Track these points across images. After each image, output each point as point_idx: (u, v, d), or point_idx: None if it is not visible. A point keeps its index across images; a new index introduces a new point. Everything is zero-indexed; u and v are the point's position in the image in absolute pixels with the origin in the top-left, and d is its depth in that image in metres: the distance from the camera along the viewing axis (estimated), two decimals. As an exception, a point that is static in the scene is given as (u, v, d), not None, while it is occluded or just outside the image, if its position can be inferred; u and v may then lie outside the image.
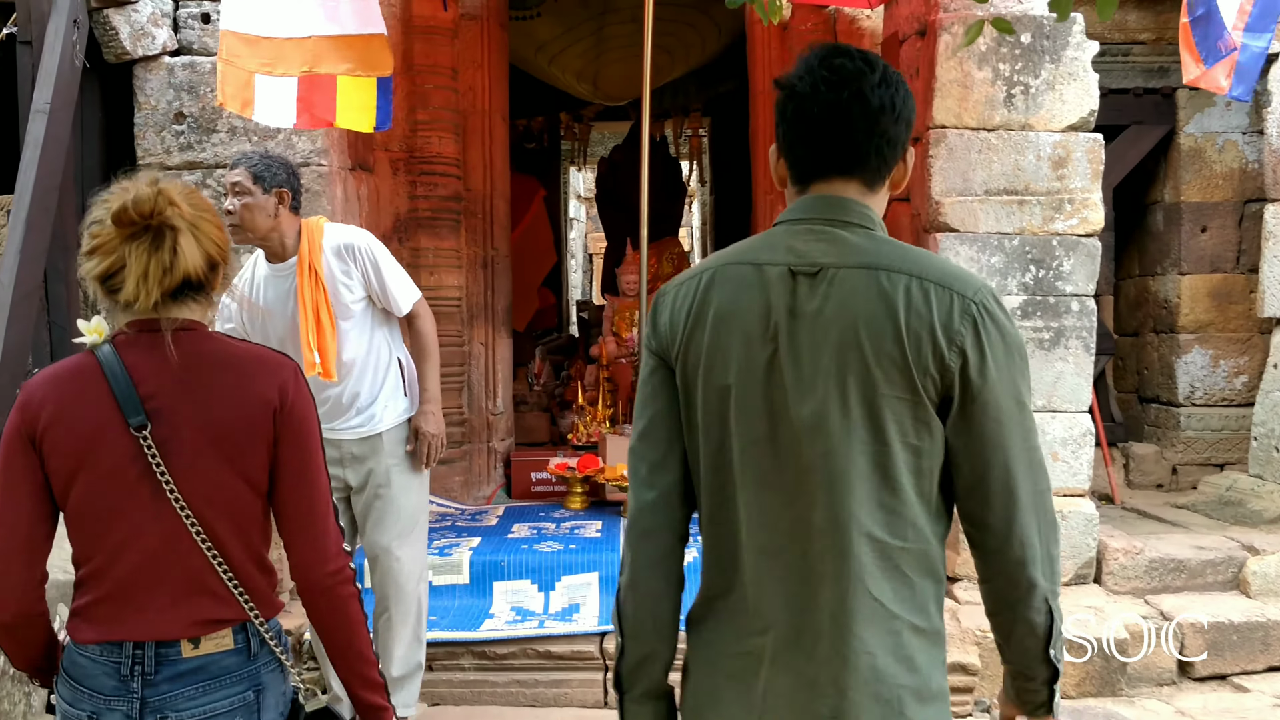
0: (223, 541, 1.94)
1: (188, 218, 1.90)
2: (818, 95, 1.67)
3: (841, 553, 1.60)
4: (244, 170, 3.76)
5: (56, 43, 4.67)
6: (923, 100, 5.52)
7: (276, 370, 1.96)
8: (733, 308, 1.68)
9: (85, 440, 1.89)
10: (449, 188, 6.78)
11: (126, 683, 1.92)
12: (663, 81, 10.43)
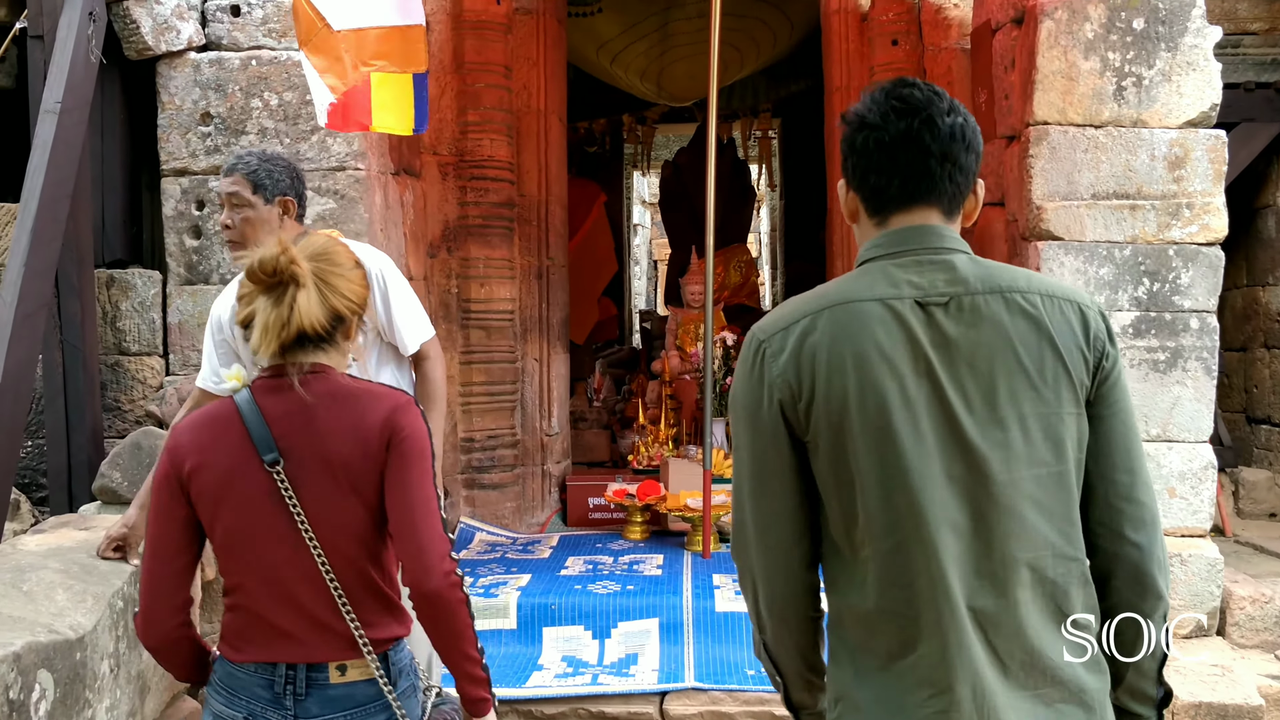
0: (347, 568, 2.07)
1: (312, 274, 2.05)
2: (888, 123, 1.67)
3: (1041, 582, 1.61)
4: (241, 178, 3.23)
5: (70, 37, 4.29)
6: (1020, 94, 4.97)
7: (387, 401, 2.09)
8: (870, 347, 1.62)
9: (227, 477, 2.06)
10: (501, 193, 6.34)
11: (280, 699, 2.08)
12: (731, 80, 9.94)
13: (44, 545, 3.68)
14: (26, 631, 3.00)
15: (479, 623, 4.70)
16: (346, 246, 2.21)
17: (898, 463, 1.59)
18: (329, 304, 2.07)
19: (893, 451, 1.59)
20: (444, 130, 6.24)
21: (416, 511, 2.05)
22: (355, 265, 2.15)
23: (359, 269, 2.16)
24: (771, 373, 1.67)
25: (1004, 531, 1.59)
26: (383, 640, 2.10)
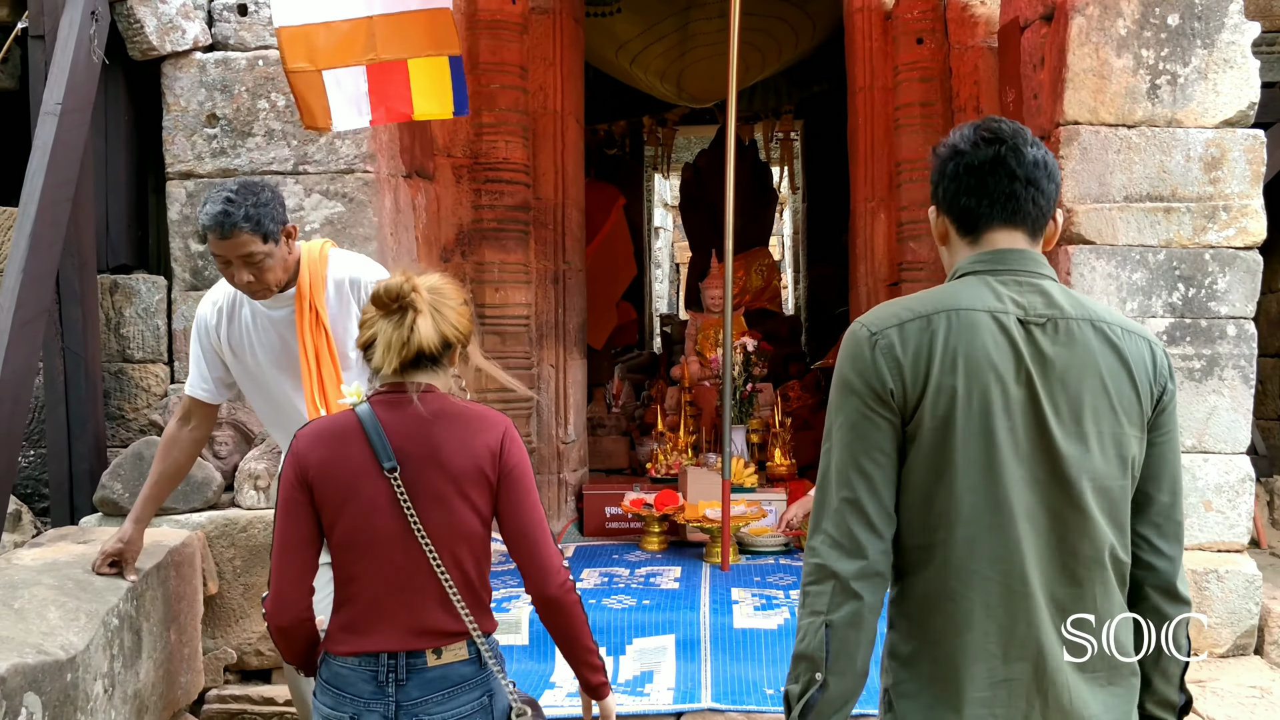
0: (454, 566, 2.30)
1: (428, 303, 2.31)
2: (978, 150, 1.87)
3: (1104, 577, 1.81)
4: (249, 235, 3.01)
5: (71, 37, 4.18)
6: (1050, 93, 4.80)
7: (496, 424, 2.35)
8: (980, 353, 1.78)
9: (348, 482, 2.29)
10: (516, 196, 6.21)
11: (383, 688, 2.28)
12: (752, 81, 9.80)
13: (39, 560, 3.57)
14: (14, 652, 2.89)
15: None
16: (410, 274, 2.35)
17: (993, 458, 1.77)
18: (440, 329, 2.32)
19: (991, 448, 1.77)
20: (458, 132, 6.12)
21: (532, 529, 2.34)
22: (465, 302, 2.41)
23: (468, 306, 2.42)
24: (885, 362, 1.81)
25: (1079, 531, 1.79)
26: (475, 631, 2.33)
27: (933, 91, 6.06)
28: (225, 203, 2.98)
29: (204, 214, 3.01)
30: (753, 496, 6.23)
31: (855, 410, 1.83)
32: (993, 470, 1.77)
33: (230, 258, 3.04)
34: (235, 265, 3.05)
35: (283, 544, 2.34)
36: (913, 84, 6.09)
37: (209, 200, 3.02)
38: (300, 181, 4.64)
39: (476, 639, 2.32)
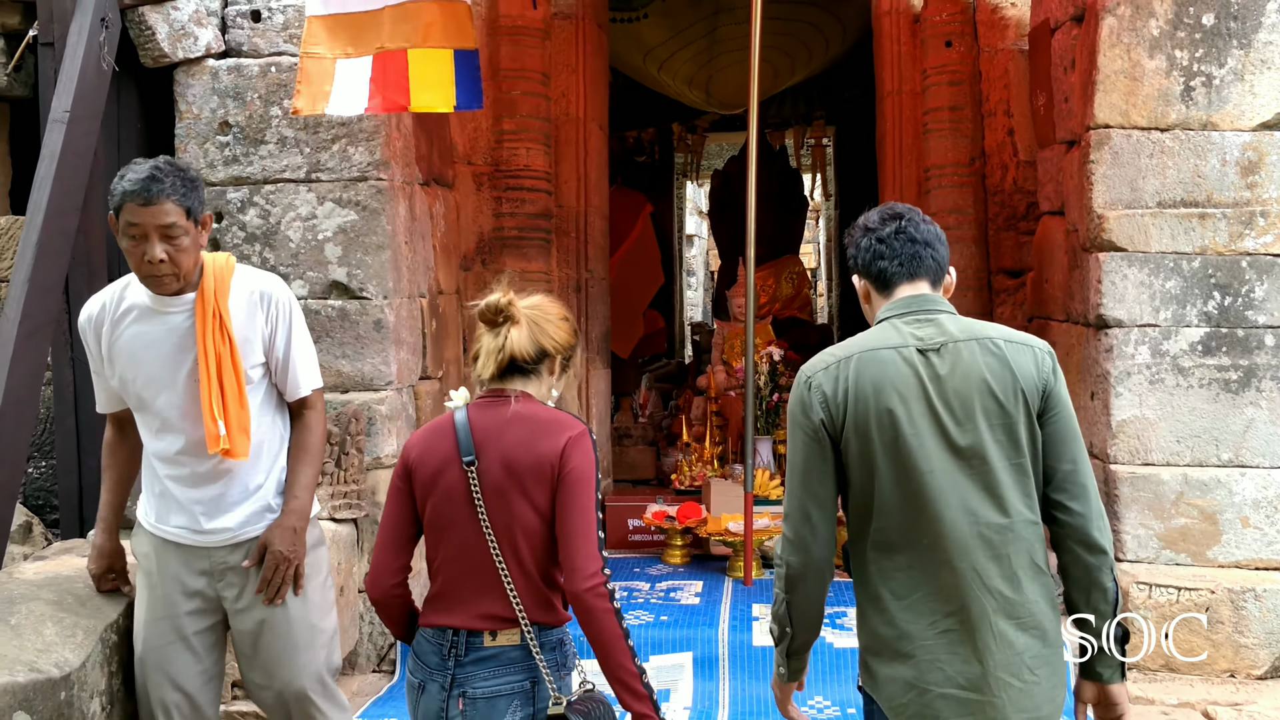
0: (512, 557, 2.49)
1: (525, 317, 2.56)
2: (885, 225, 2.43)
3: (1014, 533, 2.24)
4: (175, 205, 2.80)
5: (80, 44, 4.13)
6: (1081, 96, 4.67)
7: (567, 429, 2.52)
8: (888, 380, 2.30)
9: (436, 473, 2.54)
10: (538, 204, 6.13)
11: (445, 661, 2.52)
12: (782, 87, 9.69)
13: (41, 574, 3.51)
14: (4, 671, 2.83)
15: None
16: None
17: (906, 460, 2.27)
18: (537, 340, 2.56)
19: (902, 451, 2.27)
20: (479, 139, 6.05)
21: (577, 529, 2.47)
22: (564, 318, 2.65)
23: (567, 321, 2.65)
24: (816, 399, 2.35)
25: (986, 505, 2.25)
26: (533, 620, 2.50)
27: (962, 95, 5.93)
28: (153, 169, 2.79)
29: (126, 181, 2.77)
30: (777, 509, 6.10)
31: (800, 440, 2.37)
32: (906, 469, 2.28)
33: (149, 228, 2.76)
34: (151, 238, 2.78)
35: (383, 526, 2.66)
36: (941, 88, 5.96)
37: (130, 170, 2.80)
38: (313, 189, 4.58)
39: (525, 629, 2.50)
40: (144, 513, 3.12)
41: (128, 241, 2.82)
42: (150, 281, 2.88)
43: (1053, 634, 2.27)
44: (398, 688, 4.44)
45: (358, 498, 4.40)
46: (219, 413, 2.90)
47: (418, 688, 2.58)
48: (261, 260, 4.58)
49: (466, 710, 2.51)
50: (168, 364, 2.96)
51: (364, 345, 4.59)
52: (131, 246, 2.82)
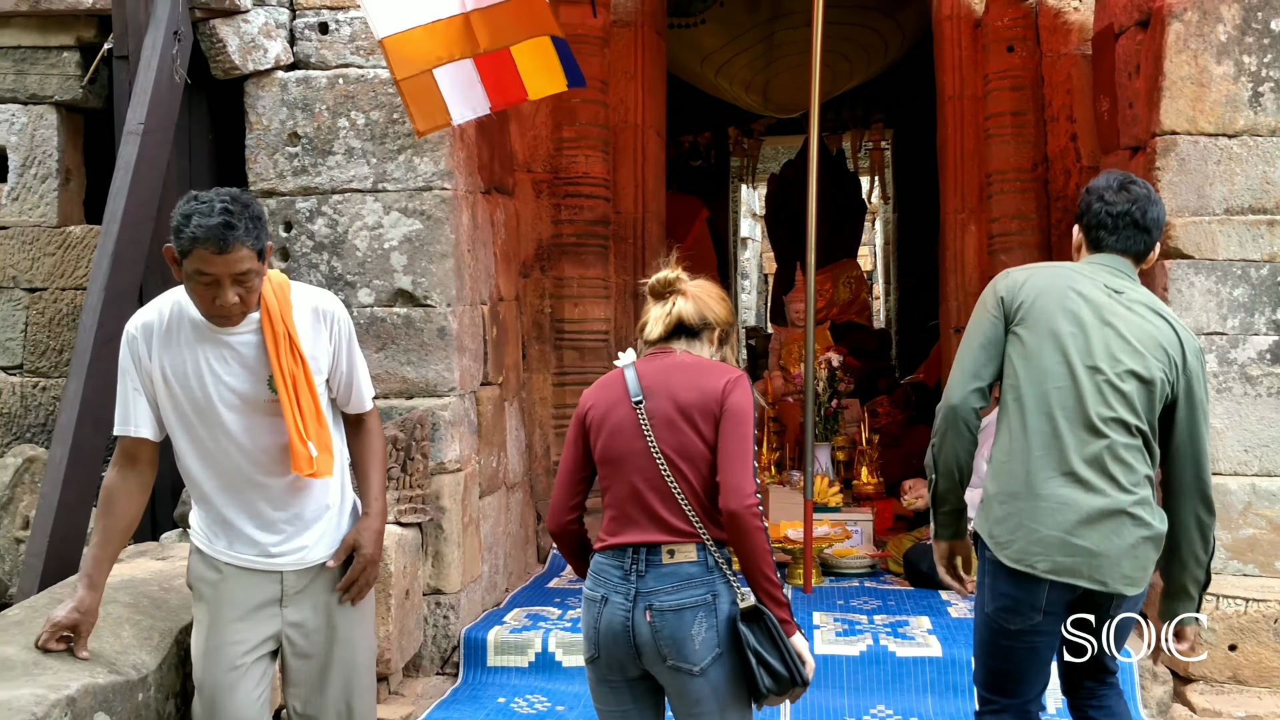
0: (682, 479, 2.77)
1: (691, 290, 2.90)
2: (1116, 202, 2.99)
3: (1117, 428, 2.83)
4: (250, 250, 2.68)
5: (154, 57, 4.23)
6: (1146, 102, 4.63)
7: (726, 372, 2.84)
8: (1061, 293, 2.92)
9: (607, 412, 2.85)
10: (596, 210, 6.17)
11: (627, 576, 2.76)
12: (840, 90, 9.67)
13: (118, 576, 3.59)
14: (85, 672, 2.90)
15: (566, 659, 4.54)
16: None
17: (1057, 346, 2.87)
18: (699, 310, 2.89)
19: (1057, 340, 2.87)
20: (538, 147, 6.10)
21: (736, 455, 2.74)
22: (723, 298, 2.98)
23: (726, 301, 2.98)
24: (1002, 290, 2.99)
25: (1106, 400, 2.84)
26: (704, 536, 2.75)
27: (1024, 100, 5.90)
28: (225, 214, 2.62)
29: (195, 226, 2.60)
30: (837, 516, 6.10)
31: (981, 313, 3.01)
32: (1055, 354, 2.87)
33: (222, 276, 2.65)
34: (223, 284, 2.67)
35: (561, 470, 2.96)
36: (1003, 93, 5.93)
37: (197, 212, 2.62)
38: (379, 199, 4.65)
39: (706, 542, 2.75)
40: (203, 538, 2.99)
41: (196, 286, 2.69)
42: (217, 320, 2.77)
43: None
44: (461, 691, 4.49)
45: (422, 502, 4.46)
46: (302, 430, 2.83)
47: (599, 601, 2.80)
48: (329, 269, 4.66)
49: (655, 621, 2.73)
50: (237, 386, 2.84)
51: (428, 352, 4.65)
52: (201, 291, 2.69)
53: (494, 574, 5.25)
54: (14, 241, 4.85)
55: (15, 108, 4.83)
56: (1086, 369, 2.84)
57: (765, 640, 2.74)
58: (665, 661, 2.74)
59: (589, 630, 2.82)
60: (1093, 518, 2.80)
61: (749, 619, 2.73)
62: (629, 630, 2.75)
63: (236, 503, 2.92)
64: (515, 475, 5.65)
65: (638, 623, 2.74)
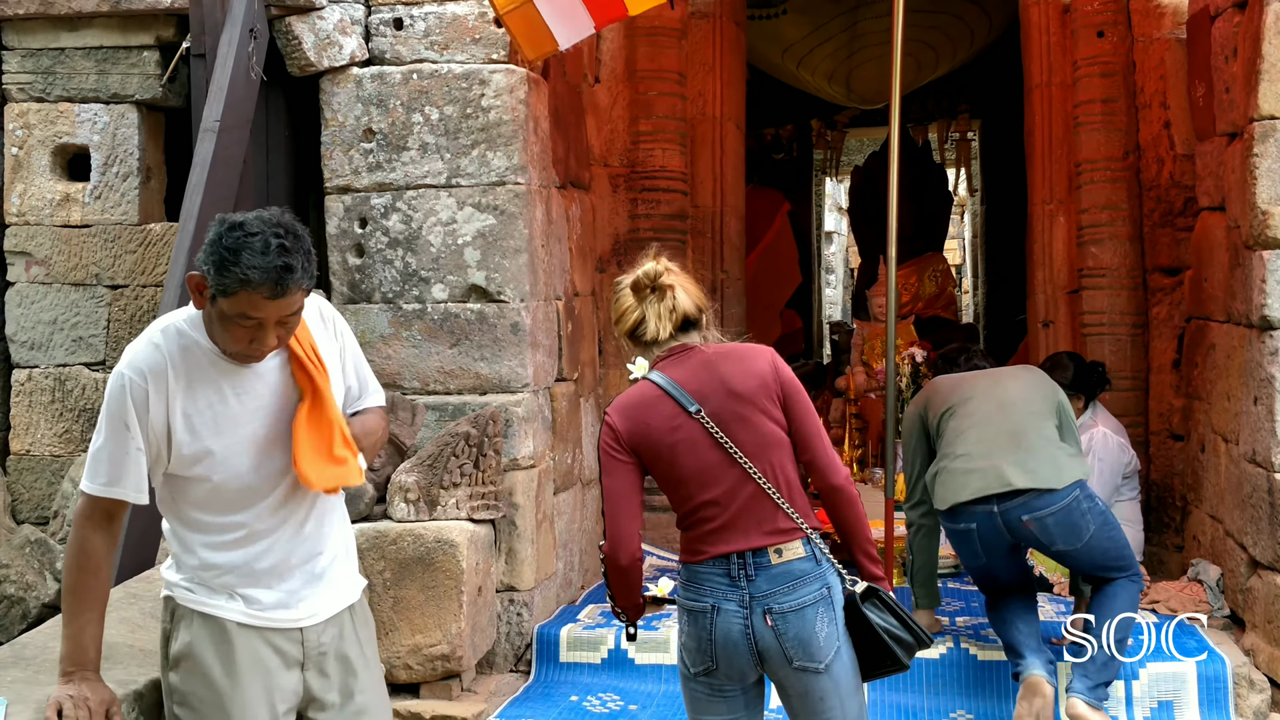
0: (771, 473, 2.76)
1: (680, 280, 2.86)
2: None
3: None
4: (302, 291, 2.34)
5: (230, 55, 4.26)
6: (1243, 86, 4.44)
7: (764, 352, 2.86)
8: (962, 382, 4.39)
9: (667, 432, 2.76)
10: (673, 204, 6.11)
11: (735, 582, 2.72)
12: (925, 80, 9.49)
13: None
14: (154, 667, 2.91)
15: (640, 656, 4.50)
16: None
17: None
18: (691, 299, 2.86)
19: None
20: (615, 141, 6.05)
21: (814, 431, 2.83)
22: (696, 280, 2.96)
23: (699, 284, 2.96)
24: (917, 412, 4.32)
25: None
26: (806, 529, 2.77)
27: (1115, 87, 5.70)
28: (282, 252, 2.25)
29: (250, 268, 2.22)
30: (918, 515, 5.97)
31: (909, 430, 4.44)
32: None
33: (270, 319, 2.31)
34: (268, 328, 2.32)
35: (612, 498, 2.81)
36: (1093, 80, 5.74)
37: (246, 248, 2.24)
38: (453, 195, 4.63)
39: (810, 535, 2.77)
40: (196, 595, 2.52)
41: (234, 328, 2.32)
42: (244, 359, 2.42)
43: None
44: (534, 688, 4.46)
45: (495, 499, 4.44)
46: (351, 447, 2.54)
47: (708, 611, 2.74)
48: (404, 264, 4.66)
49: (776, 625, 2.72)
50: (266, 416, 2.48)
51: (501, 348, 4.63)
52: (239, 333, 2.33)
53: (569, 571, 5.23)
54: (97, 239, 4.93)
55: (97, 107, 4.91)
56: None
57: (888, 615, 2.81)
58: (792, 664, 2.73)
59: (700, 643, 2.76)
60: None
61: (867, 599, 2.79)
62: (749, 637, 2.72)
63: (253, 552, 2.50)
64: (591, 472, 5.61)
65: (758, 628, 2.71)
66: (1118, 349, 5.68)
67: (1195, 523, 5.20)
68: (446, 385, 4.65)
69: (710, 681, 2.79)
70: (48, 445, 4.95)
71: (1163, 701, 4.12)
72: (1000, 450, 4.02)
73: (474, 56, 4.62)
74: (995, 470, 3.97)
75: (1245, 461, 4.39)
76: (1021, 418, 4.11)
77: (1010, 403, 4.16)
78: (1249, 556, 4.37)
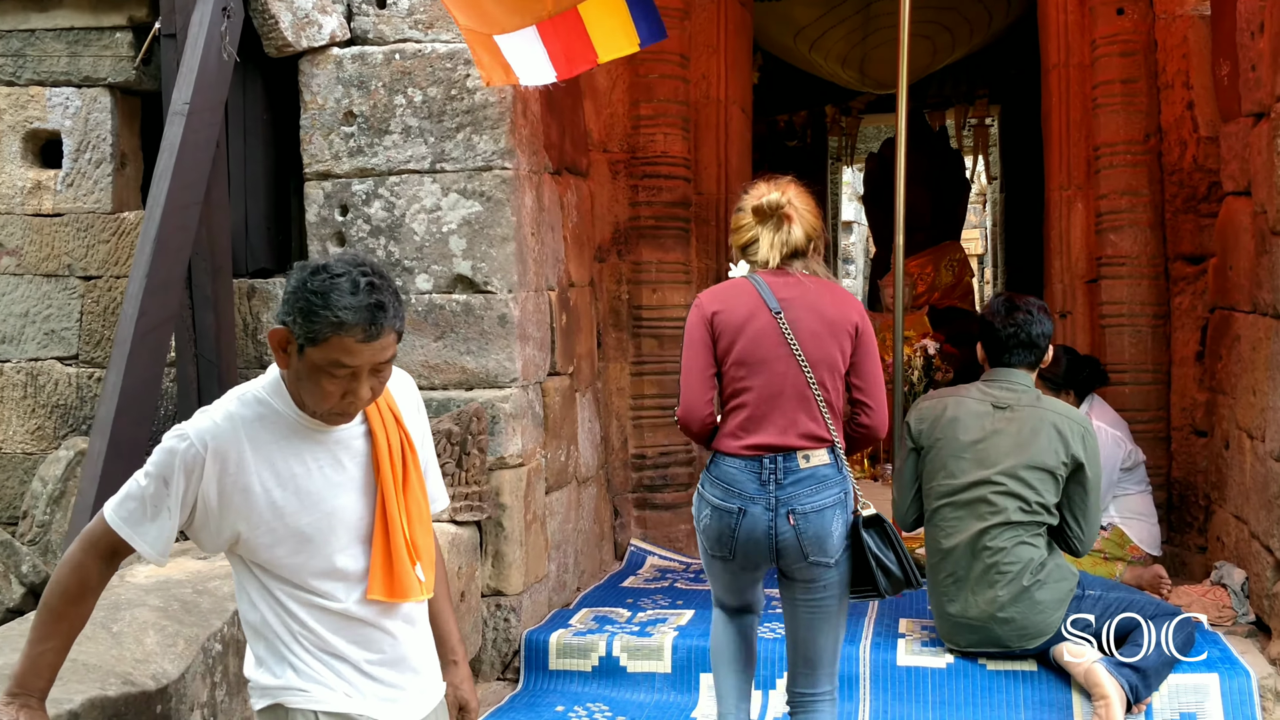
0: (822, 386, 3.13)
1: (799, 211, 3.20)
2: (1007, 325, 3.90)
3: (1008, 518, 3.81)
4: (394, 333, 2.10)
5: (201, 34, 4.07)
6: (1270, 64, 4.19)
7: (855, 302, 3.28)
8: (964, 414, 3.94)
9: (744, 320, 3.15)
10: (676, 191, 5.88)
11: (765, 485, 3.11)
12: (941, 64, 9.21)
13: (152, 578, 3.44)
14: (96, 683, 2.73)
15: (632, 664, 4.31)
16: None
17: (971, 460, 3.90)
18: (806, 232, 3.23)
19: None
20: (614, 126, 5.83)
21: (875, 381, 3.23)
22: (816, 208, 3.29)
23: (817, 208, 3.30)
24: (913, 420, 4.05)
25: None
26: (836, 439, 3.17)
27: (1135, 67, 5.44)
28: (372, 290, 2.04)
29: (342, 309, 2.01)
30: (929, 513, 5.75)
31: (900, 446, 4.23)
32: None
33: (363, 368, 2.08)
34: (361, 378, 2.10)
35: (688, 371, 3.26)
36: (1112, 59, 5.47)
37: (335, 289, 2.02)
38: (437, 180, 4.43)
39: (836, 445, 3.16)
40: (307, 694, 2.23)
41: (326, 380, 2.09)
42: (332, 418, 2.18)
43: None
44: (519, 698, 4.27)
45: (479, 499, 4.24)
46: (416, 548, 2.26)
47: (735, 512, 3.15)
48: (386, 254, 4.46)
49: (799, 524, 3.11)
50: (352, 496, 2.23)
51: (488, 341, 4.43)
52: (331, 386, 2.09)
53: (563, 573, 5.02)
54: (69, 228, 4.74)
55: (69, 91, 4.71)
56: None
57: (884, 544, 3.18)
58: (807, 558, 3.14)
59: (724, 539, 3.19)
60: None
61: (871, 525, 3.17)
62: (771, 536, 3.13)
63: (354, 639, 2.24)
64: (588, 469, 5.41)
65: (781, 528, 3.12)
66: (1138, 341, 5.43)
67: (1219, 523, 4.95)
68: (431, 380, 4.45)
69: (727, 565, 3.27)
70: (19, 442, 4.78)
71: (1184, 713, 3.88)
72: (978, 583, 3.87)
73: (459, 36, 4.40)
74: (988, 630, 3.90)
75: (1271, 460, 4.15)
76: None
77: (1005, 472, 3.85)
78: (1275, 559, 4.14)
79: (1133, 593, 4.11)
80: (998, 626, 3.84)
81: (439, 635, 2.42)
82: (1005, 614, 3.80)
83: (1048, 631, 3.83)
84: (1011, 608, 3.79)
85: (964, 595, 3.87)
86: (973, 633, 3.92)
